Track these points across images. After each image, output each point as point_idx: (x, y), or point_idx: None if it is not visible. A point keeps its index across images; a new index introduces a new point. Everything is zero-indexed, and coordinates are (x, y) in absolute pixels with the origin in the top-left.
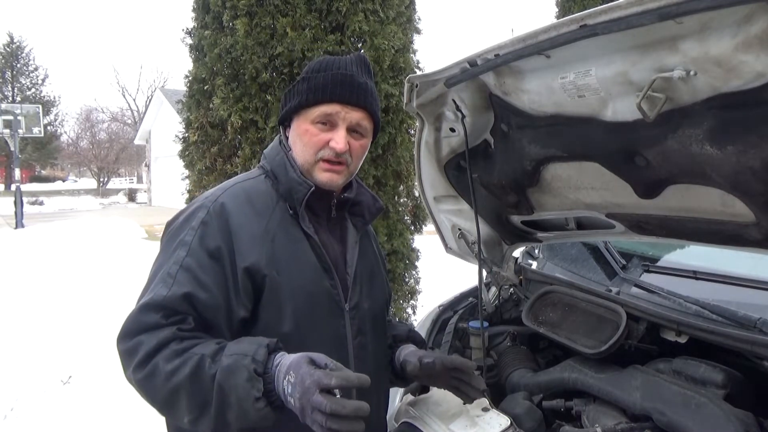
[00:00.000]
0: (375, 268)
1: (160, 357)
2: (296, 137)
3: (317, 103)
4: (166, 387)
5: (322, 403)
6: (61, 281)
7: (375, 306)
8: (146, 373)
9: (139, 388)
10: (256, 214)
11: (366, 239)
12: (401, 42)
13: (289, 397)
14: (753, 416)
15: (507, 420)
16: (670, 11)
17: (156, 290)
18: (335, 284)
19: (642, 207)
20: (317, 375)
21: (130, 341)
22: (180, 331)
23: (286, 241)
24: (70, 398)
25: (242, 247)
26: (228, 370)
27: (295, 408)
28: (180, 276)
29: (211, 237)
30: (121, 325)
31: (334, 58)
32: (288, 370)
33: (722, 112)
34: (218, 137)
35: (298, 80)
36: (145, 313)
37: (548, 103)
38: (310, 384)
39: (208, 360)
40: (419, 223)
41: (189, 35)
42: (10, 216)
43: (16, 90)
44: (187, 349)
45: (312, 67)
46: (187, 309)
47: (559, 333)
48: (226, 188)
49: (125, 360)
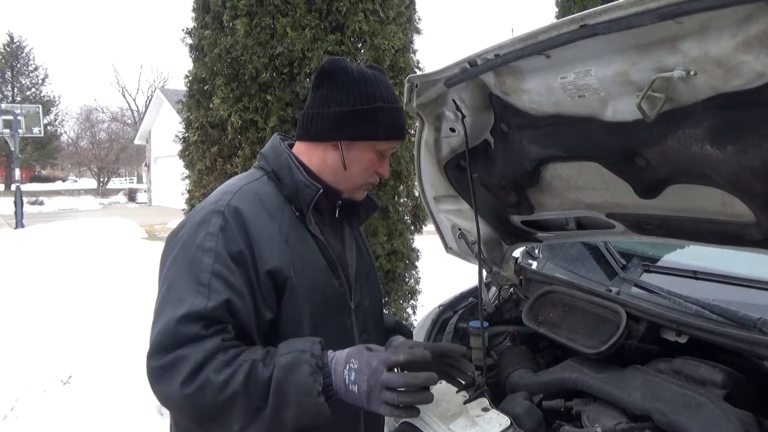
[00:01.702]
0: (370, 267)
1: (209, 369)
2: (356, 162)
3: (390, 139)
4: (219, 398)
5: (392, 379)
6: (61, 281)
7: (375, 304)
8: (197, 386)
9: (185, 403)
10: (270, 216)
11: (360, 238)
12: (401, 42)
13: (352, 385)
14: (753, 416)
15: (507, 420)
16: (670, 11)
17: (191, 301)
18: (342, 283)
19: (642, 207)
20: (383, 355)
21: (168, 355)
22: (224, 341)
23: (298, 242)
24: (70, 398)
25: (262, 250)
26: (288, 367)
27: (360, 394)
28: (214, 284)
29: (232, 241)
30: (152, 340)
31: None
32: (348, 359)
33: (722, 112)
34: (218, 137)
35: (369, 107)
36: (185, 325)
37: (548, 103)
38: (377, 364)
39: (260, 364)
40: (419, 223)
41: (189, 35)
42: (10, 216)
43: (16, 90)
44: (234, 357)
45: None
46: (227, 317)
47: (559, 333)
48: (234, 191)
49: (164, 375)
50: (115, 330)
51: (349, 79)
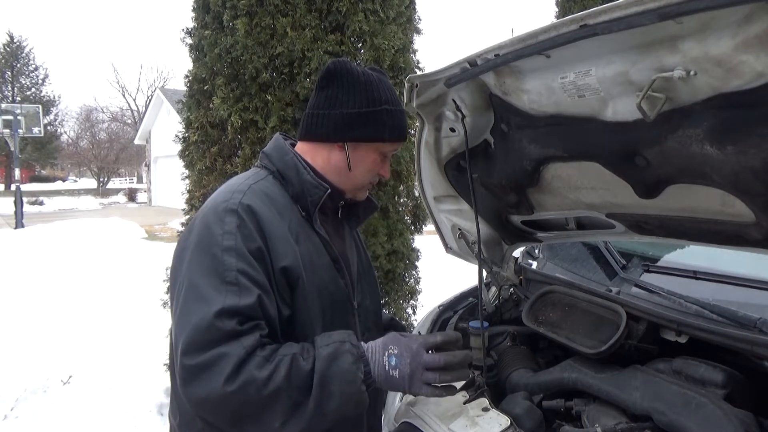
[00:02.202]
0: (368, 267)
1: (251, 365)
2: (360, 163)
3: (395, 141)
4: (263, 394)
5: (434, 359)
6: (61, 281)
7: (374, 303)
8: (241, 383)
9: (227, 401)
10: (279, 214)
11: (357, 238)
12: (401, 42)
13: (392, 370)
14: (753, 416)
15: (507, 420)
16: (670, 11)
17: (225, 299)
18: (347, 282)
19: (642, 207)
20: (421, 338)
21: (205, 353)
22: (262, 337)
23: (305, 241)
24: (70, 398)
25: (277, 247)
26: (331, 357)
27: (403, 377)
28: (243, 282)
29: (250, 239)
30: (185, 338)
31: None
32: (386, 345)
33: (722, 112)
34: (218, 137)
35: (375, 110)
36: (222, 321)
37: (548, 103)
38: (417, 347)
39: (300, 358)
40: (419, 223)
41: (189, 35)
42: (10, 216)
43: (16, 90)
44: (273, 352)
45: (384, 96)
46: (260, 314)
47: (559, 333)
48: (244, 190)
49: (202, 373)
50: (115, 330)
51: (355, 81)
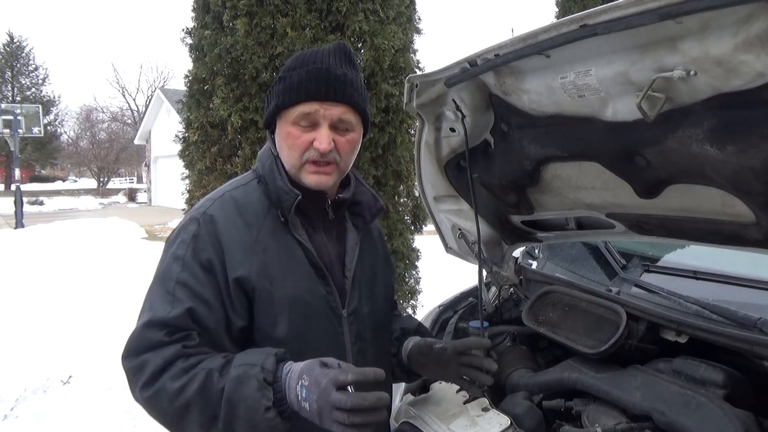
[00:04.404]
0: (378, 270)
1: (167, 376)
2: (281, 141)
3: (294, 104)
4: (174, 405)
5: (341, 400)
6: (61, 281)
7: (376, 310)
8: (154, 391)
9: (146, 407)
10: (246, 224)
11: (368, 239)
12: (401, 42)
13: (303, 402)
14: (753, 416)
15: (507, 420)
16: (670, 11)
17: (157, 308)
18: (331, 290)
19: (642, 207)
20: (332, 374)
21: (135, 360)
22: (185, 348)
23: (278, 250)
24: (70, 398)
25: (232, 258)
26: (237, 381)
27: (312, 411)
28: (179, 292)
29: (203, 249)
30: (126, 342)
31: (310, 51)
32: (301, 374)
33: (722, 112)
34: (218, 137)
35: (276, 80)
36: (149, 331)
37: (548, 103)
38: (326, 384)
39: (215, 374)
40: (419, 223)
41: (189, 35)
42: (10, 216)
43: (16, 90)
44: (193, 365)
45: (288, 64)
46: (190, 325)
47: (559, 333)
48: (216, 198)
49: (132, 378)
50: (115, 330)
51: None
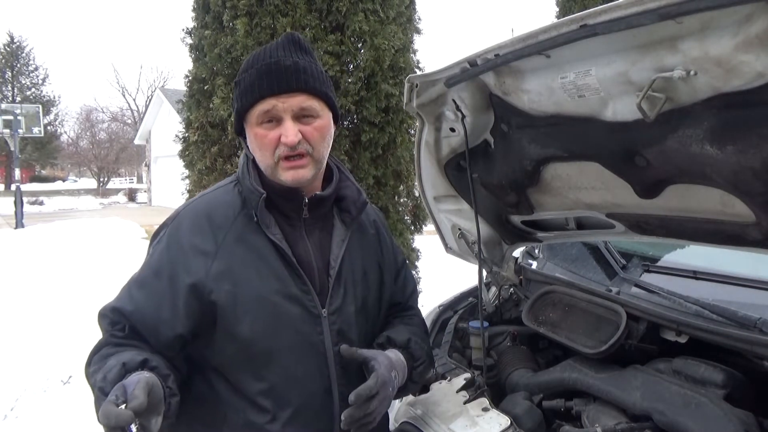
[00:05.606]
0: (369, 266)
1: (95, 357)
2: (252, 144)
3: (252, 105)
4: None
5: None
6: (61, 281)
7: (365, 307)
8: (88, 371)
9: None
10: (213, 228)
11: (360, 235)
12: (401, 42)
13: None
14: (753, 416)
15: (507, 420)
16: (670, 11)
17: (114, 302)
18: (308, 290)
19: (642, 207)
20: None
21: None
22: (112, 336)
23: (247, 251)
24: (70, 398)
25: (188, 265)
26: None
27: None
28: (133, 290)
29: (163, 255)
30: None
31: (260, 49)
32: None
33: (722, 112)
34: (218, 137)
35: (238, 80)
36: (102, 318)
37: (548, 103)
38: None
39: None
40: (419, 223)
41: (189, 35)
42: (10, 216)
43: (16, 90)
44: (110, 354)
45: (242, 67)
46: (122, 319)
47: (559, 333)
48: (189, 203)
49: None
50: None
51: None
